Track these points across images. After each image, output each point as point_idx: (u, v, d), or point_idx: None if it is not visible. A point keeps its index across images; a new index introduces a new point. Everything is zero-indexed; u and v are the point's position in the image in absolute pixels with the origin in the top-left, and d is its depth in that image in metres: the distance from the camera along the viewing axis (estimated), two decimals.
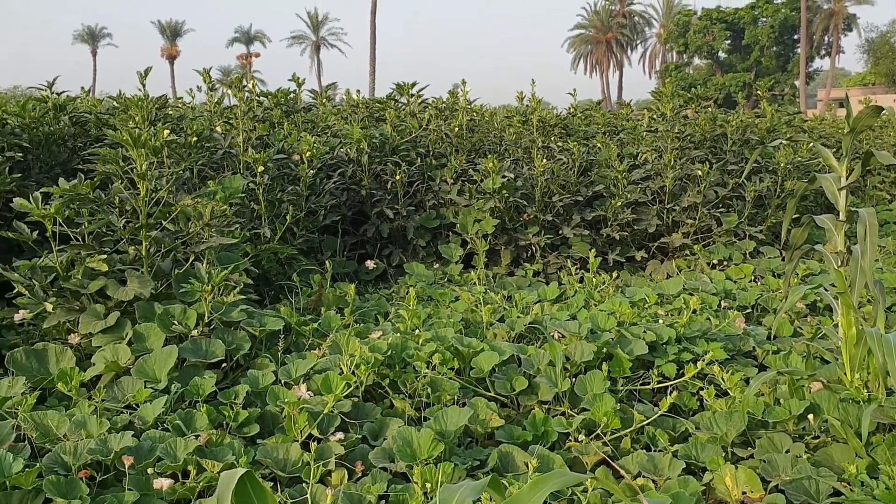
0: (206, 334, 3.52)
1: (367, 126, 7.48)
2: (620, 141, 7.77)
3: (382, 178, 6.63)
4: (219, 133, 6.00)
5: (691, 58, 66.11)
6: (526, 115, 7.68)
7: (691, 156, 6.56)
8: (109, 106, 7.05)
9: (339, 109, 8.43)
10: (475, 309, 4.46)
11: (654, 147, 6.71)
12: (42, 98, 6.22)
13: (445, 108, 8.11)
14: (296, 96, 8.32)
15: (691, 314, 4.19)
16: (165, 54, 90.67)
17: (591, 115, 9.11)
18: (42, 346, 3.43)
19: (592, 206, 6.51)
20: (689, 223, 6.33)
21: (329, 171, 6.54)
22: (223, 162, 5.92)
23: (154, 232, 3.85)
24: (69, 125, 6.13)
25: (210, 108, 7.16)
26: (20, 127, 5.67)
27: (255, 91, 7.53)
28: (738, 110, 7.68)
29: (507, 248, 6.19)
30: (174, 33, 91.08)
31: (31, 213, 3.52)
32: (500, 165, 6.10)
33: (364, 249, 6.46)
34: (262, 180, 5.37)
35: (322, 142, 6.56)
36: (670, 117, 6.73)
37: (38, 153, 5.71)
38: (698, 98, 8.34)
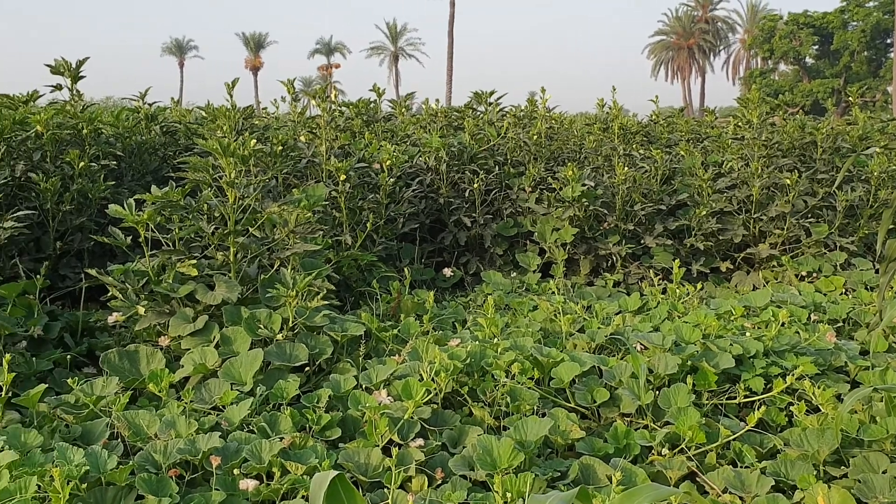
0: (290, 338, 3.58)
1: (445, 135, 7.52)
2: (704, 149, 7.59)
3: (460, 186, 6.65)
4: (303, 142, 6.13)
5: (777, 64, 64.21)
6: (606, 122, 7.59)
7: (779, 164, 6.36)
8: (198, 116, 7.29)
9: (418, 118, 8.50)
10: (554, 318, 4.42)
11: (740, 155, 6.53)
12: (135, 109, 6.47)
13: (524, 116, 8.09)
14: (376, 106, 8.43)
15: (780, 327, 4.05)
16: (249, 66, 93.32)
17: (674, 123, 8.95)
18: (134, 347, 3.56)
19: (675, 216, 6.38)
20: (776, 233, 6.13)
21: (408, 179, 6.60)
22: (307, 170, 6.04)
23: (241, 238, 3.95)
24: (160, 134, 6.36)
25: (294, 118, 7.32)
26: (114, 136, 5.92)
27: (338, 101, 7.68)
28: (827, 117, 7.41)
29: (586, 257, 6.12)
30: (258, 45, 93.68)
31: (126, 219, 3.65)
32: (580, 174, 6.04)
33: (441, 257, 6.49)
34: (343, 188, 5.45)
35: (401, 150, 6.63)
36: (757, 125, 6.53)
37: (131, 161, 5.94)
38: (785, 105, 8.08)
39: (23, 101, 6.10)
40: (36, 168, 5.02)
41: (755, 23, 75.23)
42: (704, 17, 79.81)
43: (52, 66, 5.59)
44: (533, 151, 7.16)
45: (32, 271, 4.57)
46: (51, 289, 4.66)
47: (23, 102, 6.07)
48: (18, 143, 5.13)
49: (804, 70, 61.28)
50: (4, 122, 5.00)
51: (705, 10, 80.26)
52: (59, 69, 5.60)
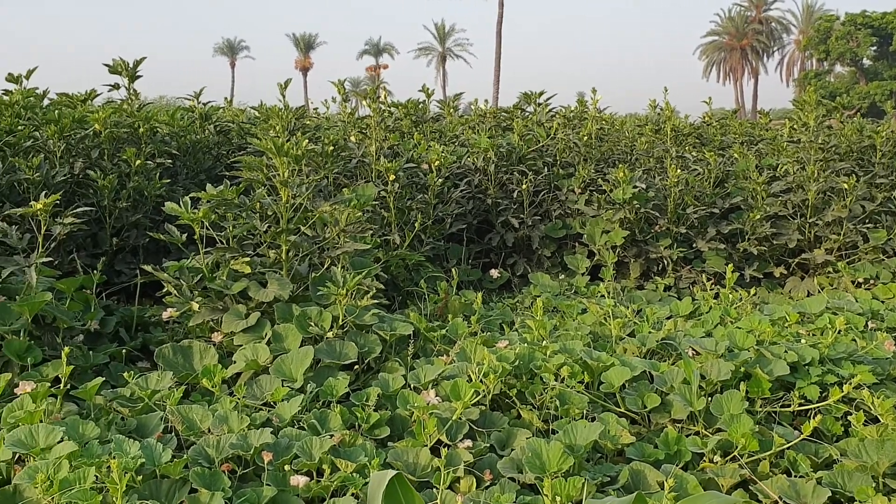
0: (340, 336, 3.61)
1: (493, 135, 7.51)
2: (759, 151, 7.46)
3: (508, 187, 6.63)
4: (353, 143, 6.18)
5: (833, 65, 62.71)
6: (658, 123, 7.50)
7: (836, 168, 6.21)
8: (251, 116, 7.40)
9: (466, 119, 8.50)
10: (604, 322, 4.37)
11: (796, 158, 6.39)
12: (189, 108, 6.59)
13: (574, 116, 8.03)
14: (424, 106, 8.46)
15: (836, 335, 3.95)
16: (299, 66, 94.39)
17: (727, 125, 8.81)
18: (188, 343, 3.62)
19: (728, 219, 6.27)
20: (832, 239, 5.99)
21: (456, 179, 6.60)
22: (356, 170, 6.08)
23: (293, 236, 3.99)
24: (214, 134, 6.47)
25: (344, 119, 7.39)
26: (170, 135, 6.03)
27: (387, 102, 7.72)
28: (886, 120, 7.21)
29: (636, 260, 6.05)
30: (308, 46, 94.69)
31: (181, 216, 3.71)
32: (632, 175, 5.97)
33: (488, 258, 6.47)
34: (392, 189, 5.48)
35: (450, 151, 6.64)
36: (814, 128, 6.39)
37: (185, 160, 6.05)
38: (842, 107, 7.89)
39: (81, 99, 6.26)
40: (94, 165, 5.14)
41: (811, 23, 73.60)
42: (758, 18, 78.35)
43: (110, 65, 5.72)
44: (583, 153, 7.10)
45: (89, 266, 4.69)
46: (107, 284, 4.77)
47: (81, 101, 6.23)
48: (77, 140, 5.27)
49: (861, 72, 59.75)
50: (65, 120, 5.14)
51: (759, 11, 78.78)
52: (117, 69, 5.74)
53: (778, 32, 79.12)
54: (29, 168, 4.54)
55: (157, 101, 33.26)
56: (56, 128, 5.06)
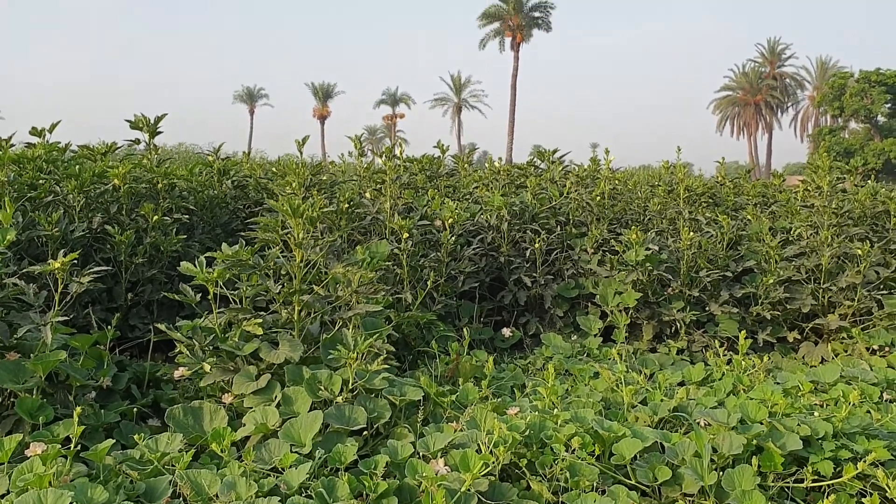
0: (350, 401, 3.60)
1: (507, 193, 7.57)
2: (772, 213, 7.47)
3: (521, 245, 6.65)
4: (368, 199, 6.24)
5: (847, 122, 62.97)
6: (672, 184, 7.54)
7: (850, 233, 6.20)
8: (268, 171, 7.49)
9: (480, 176, 8.57)
10: (616, 389, 4.34)
11: (810, 223, 6.39)
12: (208, 163, 6.69)
13: (586, 175, 8.09)
14: (439, 161, 8.55)
15: (850, 408, 3.90)
16: (317, 114, 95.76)
17: (741, 185, 8.83)
18: (198, 404, 3.62)
19: (741, 282, 6.25)
20: (846, 304, 5.95)
21: (469, 236, 6.64)
22: (371, 227, 6.14)
23: (306, 296, 4.01)
24: (231, 188, 6.56)
25: (360, 173, 7.47)
26: (188, 190, 6.11)
27: (402, 157, 7.81)
28: None
29: (649, 322, 6.03)
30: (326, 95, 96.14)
31: (196, 276, 3.75)
32: (644, 237, 5.98)
33: (500, 316, 6.47)
34: (405, 246, 5.52)
35: (463, 207, 6.69)
36: (827, 192, 6.40)
37: (202, 214, 6.12)
38: (856, 170, 7.91)
39: (102, 152, 6.37)
40: (112, 220, 5.21)
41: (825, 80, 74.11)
42: (772, 74, 79.03)
43: (131, 121, 5.83)
44: (595, 212, 7.13)
45: (104, 321, 4.72)
46: (121, 339, 4.80)
47: (102, 154, 6.34)
48: (97, 195, 5.35)
49: (876, 128, 59.93)
50: (85, 175, 5.23)
51: (773, 67, 79.50)
52: (139, 125, 5.84)
53: (792, 88, 79.69)
54: (48, 223, 4.60)
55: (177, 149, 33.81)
56: (76, 182, 5.14)
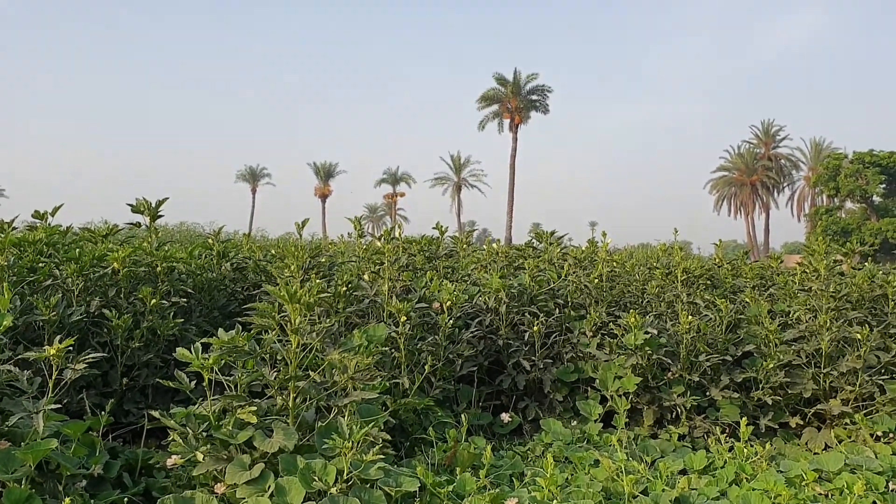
0: (344, 491, 3.53)
1: (505, 275, 7.58)
2: (771, 296, 7.47)
3: (520, 328, 6.63)
4: (366, 282, 6.25)
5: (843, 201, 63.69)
6: (669, 267, 7.56)
7: (849, 317, 6.19)
8: (267, 252, 7.53)
9: (478, 258, 8.61)
10: (616, 478, 4.26)
11: (808, 306, 6.38)
12: (208, 245, 6.73)
13: (585, 257, 8.13)
14: (438, 242, 8.60)
15: (856, 499, 3.83)
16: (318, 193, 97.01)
17: (739, 267, 8.86)
18: (190, 493, 3.55)
19: (742, 366, 6.20)
20: (848, 389, 5.89)
21: (467, 318, 6.62)
22: (369, 309, 6.12)
23: (301, 383, 3.98)
24: (230, 271, 6.57)
25: (359, 254, 7.50)
26: (187, 273, 6.13)
27: (402, 239, 7.87)
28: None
29: (649, 407, 5.96)
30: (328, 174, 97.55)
31: (192, 363, 3.73)
32: (643, 321, 5.97)
33: (499, 400, 6.39)
34: (403, 329, 5.49)
35: (462, 289, 6.69)
36: (824, 275, 6.42)
37: (200, 297, 6.12)
38: (853, 252, 7.95)
39: (103, 234, 6.42)
40: (110, 304, 5.21)
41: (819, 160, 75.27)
42: (767, 155, 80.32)
43: (133, 205, 5.90)
44: (594, 295, 7.14)
45: (98, 406, 4.67)
46: (114, 424, 4.74)
47: (102, 237, 6.39)
48: (96, 279, 5.36)
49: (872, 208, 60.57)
50: (85, 258, 5.25)
51: (768, 148, 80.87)
52: (140, 208, 5.90)
53: (787, 169, 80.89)
54: (46, 308, 4.60)
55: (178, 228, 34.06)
56: (76, 266, 5.16)
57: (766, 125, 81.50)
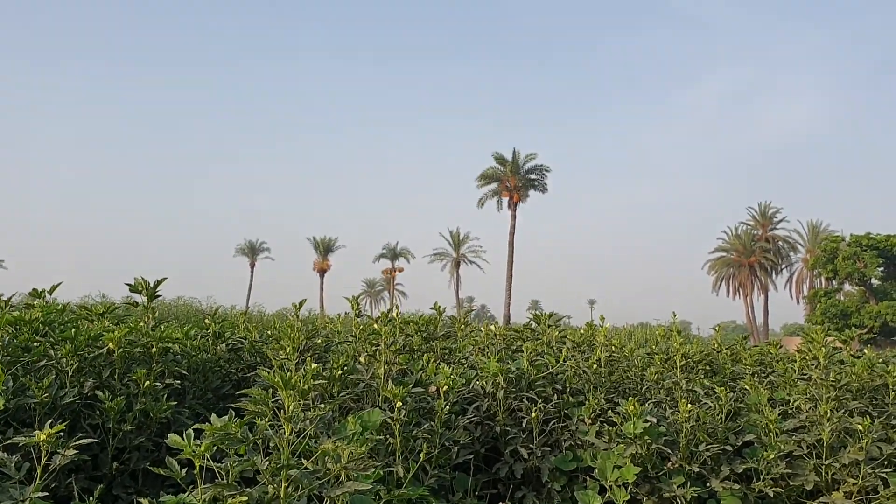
0: None
1: (503, 358, 7.53)
2: (771, 383, 7.41)
3: (517, 414, 6.54)
4: (362, 364, 6.21)
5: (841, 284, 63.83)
6: (668, 352, 7.52)
7: (849, 407, 6.13)
8: (263, 332, 7.51)
9: (476, 341, 8.58)
10: None
11: (809, 395, 6.33)
12: (204, 326, 6.71)
13: (583, 341, 8.10)
14: (436, 322, 8.58)
15: None
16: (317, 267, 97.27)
17: (738, 352, 8.82)
18: None
19: (742, 456, 6.10)
20: (850, 482, 5.78)
21: (464, 403, 6.54)
22: (363, 393, 6.06)
23: (294, 471, 3.91)
24: (225, 352, 6.53)
25: (356, 334, 7.47)
26: (182, 354, 6.09)
27: (399, 319, 7.84)
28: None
29: (649, 498, 5.83)
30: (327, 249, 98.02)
31: (184, 450, 3.67)
32: (642, 409, 5.90)
33: (496, 489, 6.26)
34: (398, 415, 5.42)
35: (459, 373, 6.63)
36: (824, 364, 6.39)
37: (195, 379, 6.06)
38: (852, 339, 7.93)
39: (99, 312, 6.41)
40: (103, 385, 5.16)
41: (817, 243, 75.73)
42: (764, 236, 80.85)
43: (131, 284, 5.90)
44: (593, 380, 7.08)
45: (86, 490, 4.57)
46: None
47: (99, 315, 6.37)
48: (91, 359, 5.32)
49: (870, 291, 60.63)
50: (80, 338, 5.23)
51: (765, 230, 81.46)
52: (138, 288, 5.91)
53: (785, 251, 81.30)
54: (39, 390, 4.56)
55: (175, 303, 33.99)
56: (71, 346, 5.13)
57: (764, 207, 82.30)
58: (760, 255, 78.98)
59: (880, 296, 59.61)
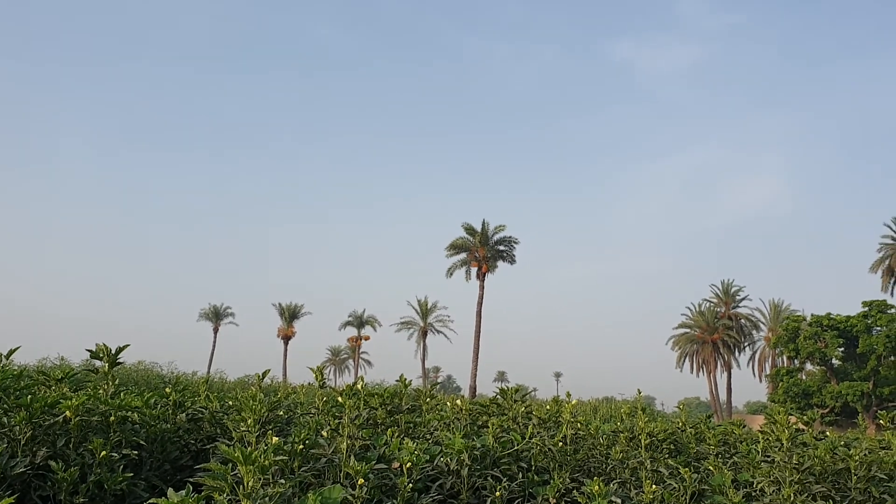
0: None
1: (468, 433, 7.46)
2: (735, 465, 7.40)
3: (482, 492, 6.45)
4: (324, 438, 6.10)
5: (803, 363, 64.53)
6: (633, 431, 7.51)
7: (812, 491, 6.14)
8: (224, 403, 7.36)
9: (441, 416, 8.50)
10: None
11: (772, 478, 6.33)
12: (164, 394, 6.57)
13: (549, 417, 8.05)
14: (401, 395, 8.50)
15: None
16: (281, 334, 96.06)
17: (702, 431, 8.82)
18: None
19: None
20: None
21: (428, 481, 6.44)
22: (325, 468, 5.94)
23: None
24: (185, 421, 6.39)
25: (318, 406, 7.36)
26: (140, 423, 5.94)
27: (364, 391, 7.76)
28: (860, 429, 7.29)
29: None
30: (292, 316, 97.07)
31: None
32: (606, 489, 5.85)
33: None
34: (360, 493, 5.32)
35: (423, 449, 6.54)
36: (787, 447, 6.41)
37: (152, 449, 5.90)
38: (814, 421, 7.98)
39: (57, 378, 6.26)
40: (57, 455, 5.00)
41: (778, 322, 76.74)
42: (727, 314, 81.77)
43: (92, 351, 5.79)
44: (558, 459, 7.02)
45: None
46: None
47: (57, 380, 6.22)
48: (46, 427, 5.17)
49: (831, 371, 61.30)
50: (35, 405, 5.09)
51: (727, 307, 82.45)
52: (99, 354, 5.80)
53: (748, 328, 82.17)
54: None
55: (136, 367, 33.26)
56: (26, 413, 4.99)
57: (727, 285, 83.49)
58: (723, 332, 79.70)
59: (841, 376, 60.24)
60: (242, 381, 38.02)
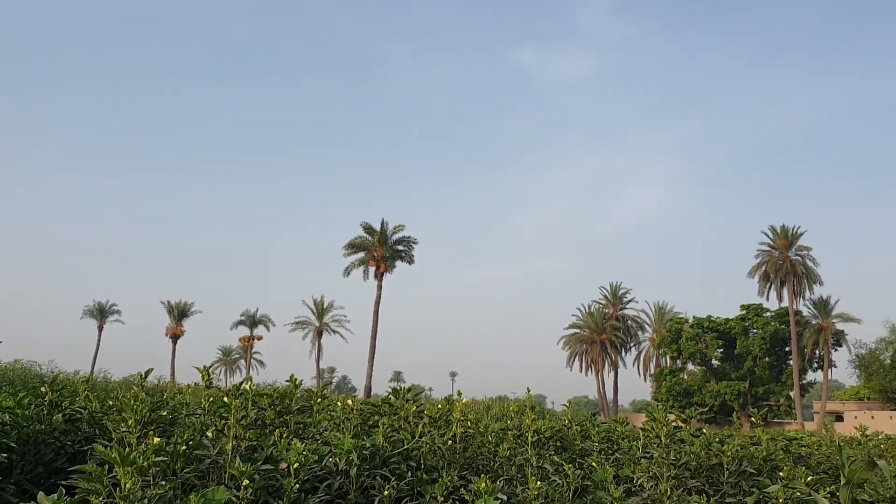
0: None
1: (359, 433, 7.42)
2: (617, 461, 7.66)
3: (370, 492, 6.43)
4: (209, 439, 5.94)
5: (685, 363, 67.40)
6: (521, 429, 7.65)
7: (688, 486, 6.43)
8: (104, 402, 7.07)
9: (332, 416, 8.42)
10: None
11: (651, 473, 6.59)
12: (39, 394, 6.24)
13: (440, 416, 8.10)
14: (291, 395, 8.37)
15: None
16: (170, 333, 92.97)
17: (588, 428, 9.08)
18: None
19: None
20: None
21: (316, 481, 6.37)
22: (209, 470, 5.79)
23: None
24: (62, 422, 6.09)
25: (204, 407, 7.16)
26: (11, 424, 5.62)
27: (252, 391, 7.60)
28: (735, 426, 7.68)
29: None
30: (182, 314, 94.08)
31: None
32: (493, 486, 5.95)
33: None
34: (244, 494, 5.21)
35: (311, 449, 6.47)
36: (665, 443, 6.69)
37: (24, 451, 5.60)
38: (692, 418, 8.36)
39: None
40: None
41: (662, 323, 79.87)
42: (615, 315, 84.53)
43: None
44: (447, 457, 7.08)
45: None
46: None
47: None
48: None
49: (711, 371, 64.29)
50: None
51: (615, 308, 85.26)
52: None
53: (634, 329, 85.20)
54: None
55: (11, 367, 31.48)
56: None
57: (615, 287, 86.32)
58: (611, 332, 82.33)
59: (720, 376, 63.29)
60: (127, 380, 36.56)
